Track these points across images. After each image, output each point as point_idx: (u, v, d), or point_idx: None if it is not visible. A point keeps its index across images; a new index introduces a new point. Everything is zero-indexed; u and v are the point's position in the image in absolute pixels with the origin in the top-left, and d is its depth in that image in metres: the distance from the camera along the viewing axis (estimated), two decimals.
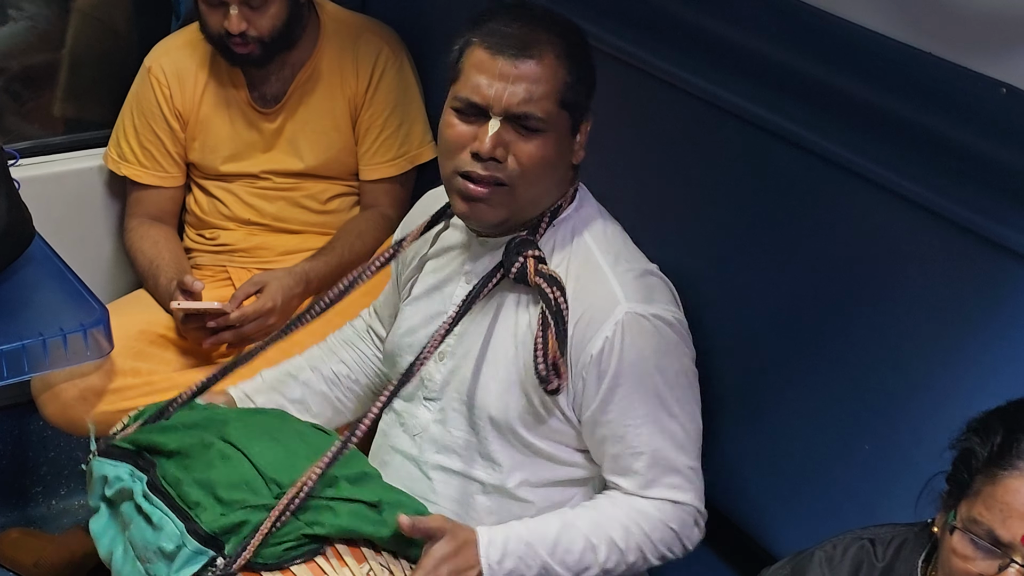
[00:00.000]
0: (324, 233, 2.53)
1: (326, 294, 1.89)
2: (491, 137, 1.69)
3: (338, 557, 1.64)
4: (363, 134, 2.53)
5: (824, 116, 1.77)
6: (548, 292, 1.71)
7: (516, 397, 1.78)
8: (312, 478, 1.65)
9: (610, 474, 1.79)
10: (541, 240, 1.78)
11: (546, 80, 1.70)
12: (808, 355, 1.85)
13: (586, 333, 1.74)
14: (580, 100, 1.75)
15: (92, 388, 2.28)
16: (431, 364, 1.83)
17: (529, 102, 1.70)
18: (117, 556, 1.75)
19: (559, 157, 1.74)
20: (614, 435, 1.75)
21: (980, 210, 1.59)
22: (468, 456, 1.83)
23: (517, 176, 1.71)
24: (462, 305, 1.76)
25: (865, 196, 1.72)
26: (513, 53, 1.70)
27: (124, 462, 1.79)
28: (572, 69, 1.73)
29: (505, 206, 1.74)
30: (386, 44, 2.54)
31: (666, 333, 1.76)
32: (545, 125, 1.71)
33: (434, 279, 1.90)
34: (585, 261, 1.78)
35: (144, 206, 2.56)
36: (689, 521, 1.78)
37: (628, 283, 1.75)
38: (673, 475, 1.76)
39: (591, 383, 1.74)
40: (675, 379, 1.77)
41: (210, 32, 2.40)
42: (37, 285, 2.18)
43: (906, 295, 1.70)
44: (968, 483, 1.35)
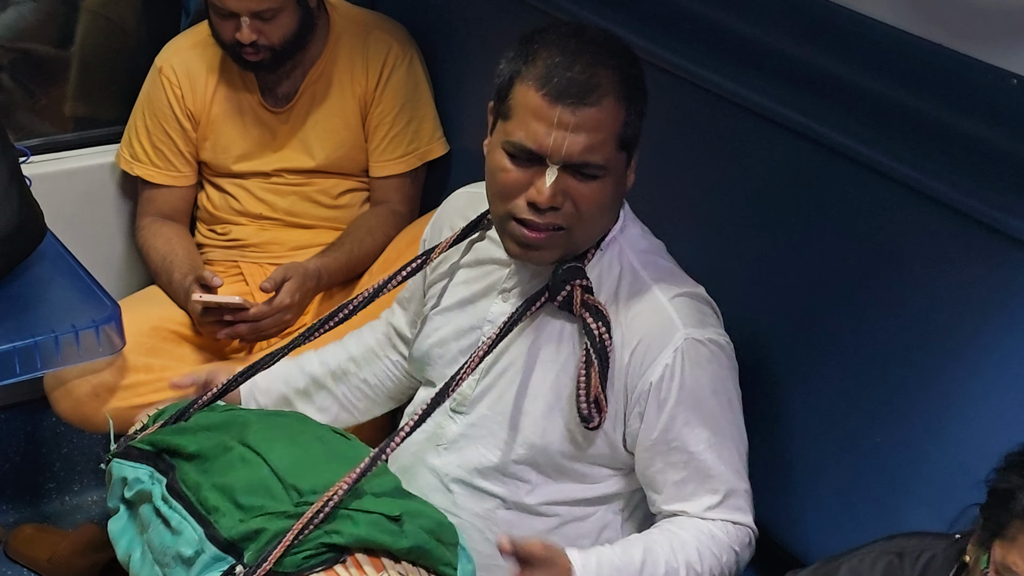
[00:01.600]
0: (336, 228, 2.53)
1: (349, 302, 1.88)
2: (550, 187, 1.64)
3: (357, 566, 1.62)
4: (373, 131, 2.53)
5: (833, 108, 1.76)
6: (593, 327, 1.68)
7: (555, 423, 1.76)
8: (340, 492, 1.63)
9: (672, 501, 1.76)
10: (588, 266, 1.74)
11: (606, 126, 1.64)
12: (818, 348, 1.85)
13: (644, 360, 1.71)
14: (636, 135, 1.70)
15: (105, 384, 2.28)
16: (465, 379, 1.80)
17: (589, 151, 1.63)
18: (135, 559, 1.75)
19: (617, 194, 1.72)
20: (678, 462, 1.73)
21: (991, 202, 1.58)
22: (493, 474, 1.81)
23: (575, 220, 1.67)
24: (503, 326, 1.73)
25: (875, 188, 1.72)
26: (572, 101, 1.62)
27: (144, 464, 1.78)
28: (632, 107, 1.67)
29: (562, 248, 1.70)
30: (396, 41, 2.54)
31: (721, 357, 1.75)
32: (604, 172, 1.66)
33: (467, 291, 1.86)
34: (638, 287, 1.75)
35: (156, 205, 2.57)
36: (747, 542, 1.78)
37: (683, 308, 1.73)
38: (734, 498, 1.76)
39: (651, 411, 1.72)
40: (729, 403, 1.76)
41: (222, 40, 2.41)
42: (49, 282, 2.18)
43: (917, 287, 1.69)
44: (1004, 525, 1.31)
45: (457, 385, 1.72)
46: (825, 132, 1.77)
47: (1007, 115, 1.56)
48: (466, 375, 1.72)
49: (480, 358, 1.72)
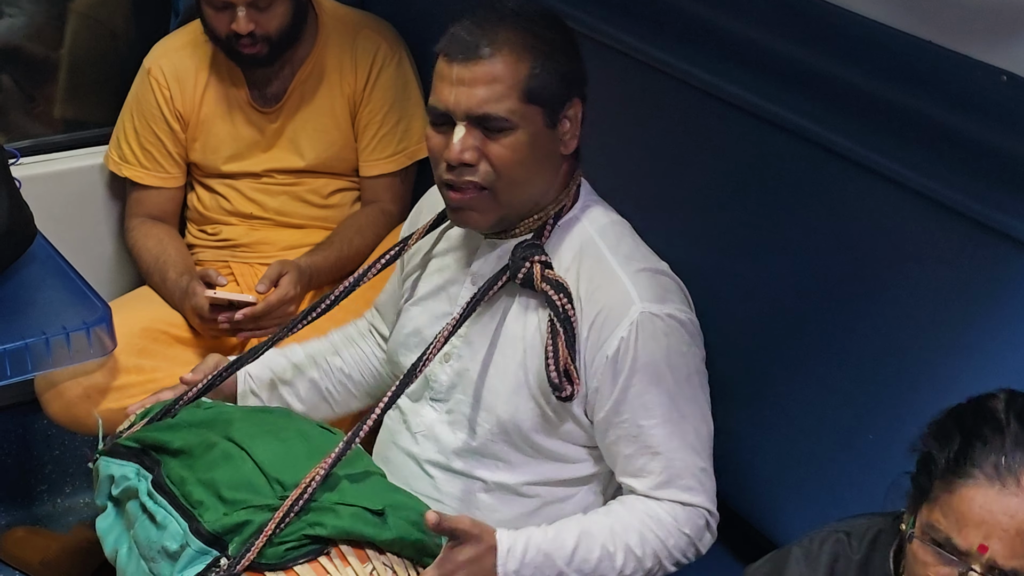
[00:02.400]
0: (326, 228, 2.53)
1: (332, 291, 1.90)
2: (455, 144, 1.69)
3: (342, 557, 1.63)
4: (362, 130, 2.53)
5: (824, 105, 1.77)
6: (555, 299, 1.70)
7: (524, 400, 1.78)
8: (316, 478, 1.65)
9: (623, 475, 1.78)
10: (548, 242, 1.77)
11: (503, 78, 1.69)
12: (812, 346, 1.85)
13: (601, 334, 1.73)
14: (554, 90, 1.71)
15: (96, 386, 2.28)
16: (437, 366, 1.83)
17: (487, 103, 1.68)
18: (122, 554, 1.76)
19: (537, 152, 1.72)
20: (628, 435, 1.74)
21: (981, 198, 1.59)
22: (471, 456, 1.82)
23: (493, 179, 1.71)
24: (466, 307, 1.75)
25: (866, 186, 1.72)
26: (465, 56, 1.69)
27: (130, 461, 1.79)
28: (538, 60, 1.70)
29: (492, 210, 1.74)
30: (384, 40, 2.54)
31: (680, 333, 1.75)
32: (510, 124, 1.69)
33: (439, 279, 1.89)
34: (596, 262, 1.76)
35: (145, 206, 2.56)
36: (701, 524, 1.77)
37: (641, 283, 1.74)
38: (686, 477, 1.76)
39: (606, 384, 1.73)
40: (687, 380, 1.76)
41: (216, 35, 2.40)
42: (39, 284, 2.18)
43: (909, 284, 1.70)
44: (928, 489, 1.36)
45: (423, 367, 1.74)
46: (815, 129, 1.78)
47: (996, 111, 1.56)
48: (432, 356, 1.74)
49: (444, 339, 1.74)
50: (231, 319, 2.31)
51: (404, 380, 1.74)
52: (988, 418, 1.35)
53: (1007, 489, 1.30)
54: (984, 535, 1.30)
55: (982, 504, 1.30)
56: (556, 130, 1.74)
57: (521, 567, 1.67)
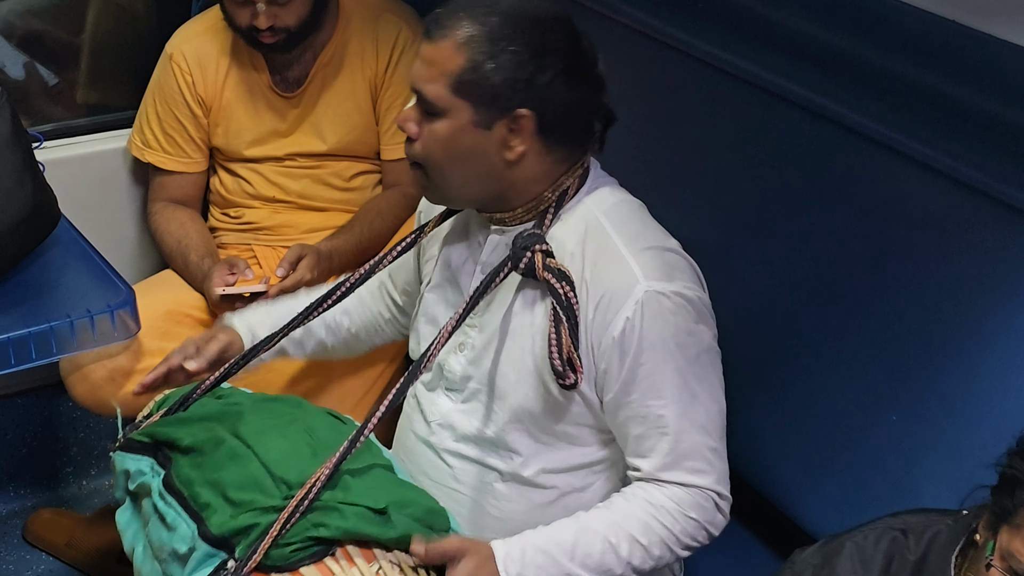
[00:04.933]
0: (348, 210, 2.54)
1: (347, 278, 1.90)
2: (405, 112, 1.74)
3: (348, 558, 1.63)
4: (383, 114, 2.53)
5: (846, 86, 1.76)
6: (557, 287, 1.69)
7: (535, 386, 1.77)
8: (321, 478, 1.64)
9: (631, 455, 1.76)
10: (552, 228, 1.75)
11: (437, 64, 1.70)
12: (834, 327, 1.85)
13: (607, 315, 1.71)
14: (489, 91, 1.67)
15: (120, 369, 2.29)
16: (452, 356, 1.83)
17: (420, 81, 1.71)
18: (138, 553, 1.77)
19: (461, 147, 1.71)
20: (637, 415, 1.73)
21: (1005, 178, 1.58)
22: (485, 445, 1.82)
23: (421, 157, 1.74)
24: (470, 299, 1.74)
25: (889, 165, 1.72)
26: (425, 34, 1.73)
27: (145, 455, 1.80)
28: (479, 58, 1.67)
29: (432, 190, 1.78)
30: (405, 24, 2.54)
31: (687, 311, 1.72)
32: (436, 109, 1.70)
33: (452, 266, 1.89)
34: (601, 243, 1.74)
35: (168, 191, 2.57)
36: (709, 507, 1.75)
37: (646, 261, 1.72)
38: (694, 457, 1.73)
39: (613, 364, 1.72)
40: (697, 358, 1.74)
41: (237, 25, 2.40)
42: (63, 267, 2.18)
43: (932, 264, 1.69)
44: (1011, 512, 1.31)
45: (431, 358, 1.73)
46: (838, 110, 1.77)
47: (1021, 91, 1.55)
48: (439, 348, 1.73)
49: (451, 331, 1.74)
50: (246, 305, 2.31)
51: (411, 374, 1.72)
52: None
53: None
54: None
55: None
56: (490, 132, 1.71)
57: (523, 568, 1.65)
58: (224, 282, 2.33)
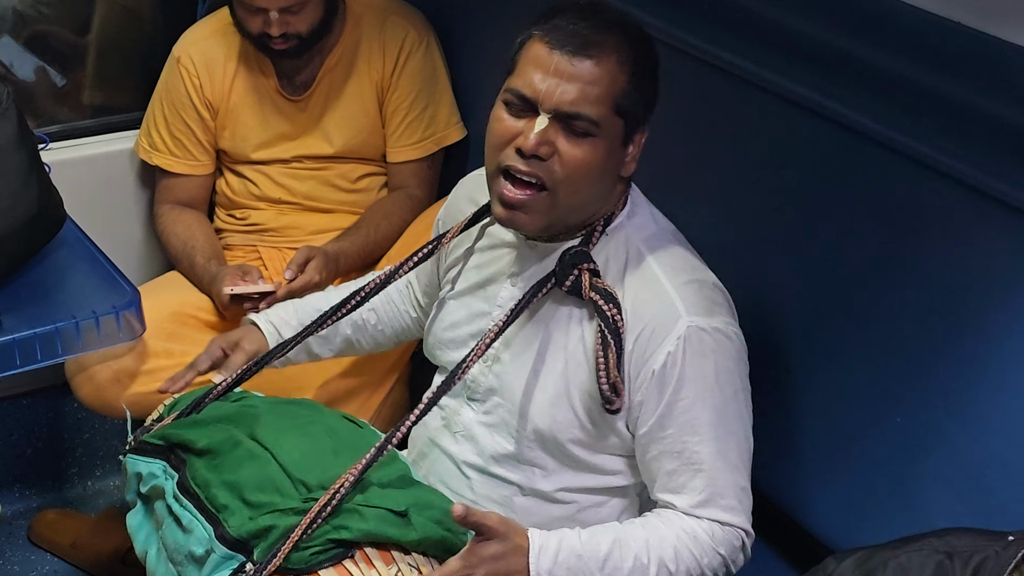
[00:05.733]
0: (354, 212, 2.54)
1: (362, 288, 1.89)
2: (537, 133, 1.63)
3: (366, 560, 1.62)
4: (389, 116, 2.54)
5: (854, 88, 1.76)
6: (605, 309, 1.66)
7: (564, 411, 1.75)
8: (346, 485, 1.64)
9: (662, 492, 1.74)
10: (594, 250, 1.73)
11: (603, 83, 1.63)
12: (838, 328, 1.84)
13: (647, 348, 1.69)
14: (638, 110, 1.68)
15: (125, 370, 2.29)
16: (477, 367, 1.80)
17: (582, 103, 1.63)
18: (152, 556, 1.76)
19: (606, 166, 1.68)
20: (671, 451, 1.71)
21: (1009, 180, 1.58)
22: (508, 462, 1.80)
23: (560, 180, 1.65)
24: (511, 313, 1.72)
25: (893, 167, 1.71)
26: (572, 50, 1.63)
27: (158, 458, 1.79)
28: (633, 77, 1.66)
29: (544, 214, 1.68)
30: (412, 26, 2.54)
31: (728, 348, 1.71)
32: (596, 129, 1.64)
33: (478, 276, 1.86)
34: (642, 273, 1.72)
35: (175, 193, 2.58)
36: (737, 545, 1.74)
37: (688, 296, 1.70)
38: (727, 496, 1.72)
39: (651, 398, 1.70)
40: (734, 396, 1.72)
41: (248, 32, 2.41)
42: (69, 268, 2.19)
43: (939, 266, 1.69)
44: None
45: (465, 371, 1.71)
46: (846, 113, 1.76)
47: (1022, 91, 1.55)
48: (473, 361, 1.71)
49: (487, 344, 1.71)
50: (255, 306, 2.32)
51: (444, 384, 1.71)
52: None
53: None
54: None
55: None
56: (625, 150, 1.70)
57: (554, 567, 1.63)
58: (235, 283, 2.33)
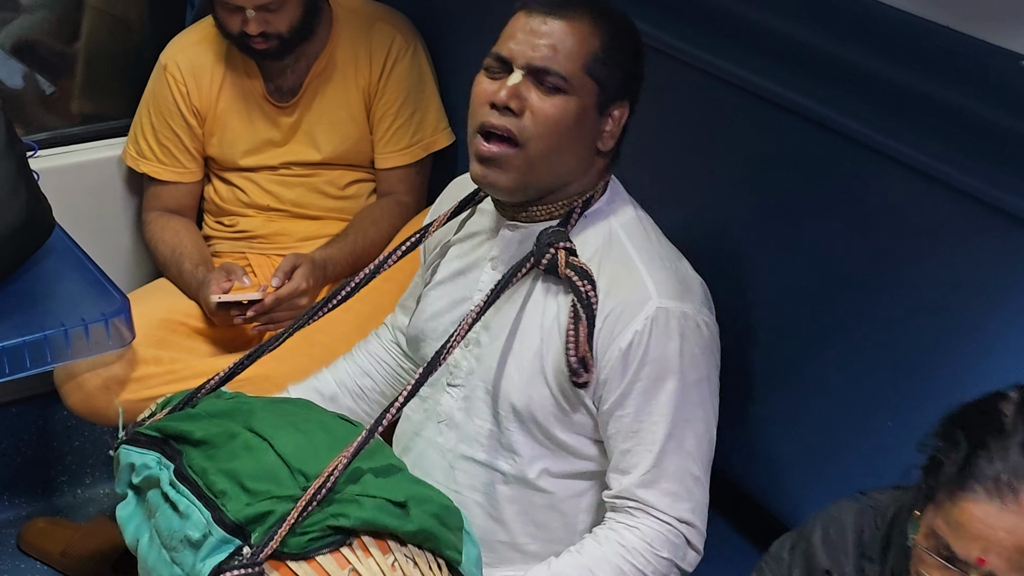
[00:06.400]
0: (343, 219, 2.54)
1: (351, 279, 1.90)
2: (509, 87, 1.70)
3: (364, 548, 1.63)
4: (377, 123, 2.54)
5: (842, 92, 1.76)
6: (579, 285, 1.70)
7: (539, 388, 1.77)
8: (339, 467, 1.65)
9: (613, 471, 1.76)
10: (572, 232, 1.76)
11: (574, 42, 1.70)
12: (829, 332, 1.85)
13: (616, 327, 1.72)
14: (612, 80, 1.73)
15: (115, 377, 2.29)
16: (458, 351, 1.83)
17: (551, 58, 1.69)
18: (143, 543, 1.75)
19: (578, 128, 1.72)
20: (628, 429, 1.73)
21: (999, 184, 1.59)
22: (490, 446, 1.82)
23: (530, 134, 1.70)
24: (491, 293, 1.74)
25: (884, 171, 1.72)
26: (546, 11, 1.71)
27: (151, 450, 1.79)
28: (607, 45, 1.72)
29: (518, 172, 1.72)
30: (399, 32, 2.54)
31: (696, 335, 1.74)
32: (566, 85, 1.70)
33: (459, 264, 1.89)
34: (618, 256, 1.76)
35: (163, 200, 2.57)
36: (680, 543, 1.74)
37: (661, 279, 1.73)
38: (673, 481, 1.73)
39: (615, 376, 1.72)
40: (696, 384, 1.74)
41: (229, 32, 2.41)
42: (58, 276, 2.18)
43: (927, 270, 1.69)
44: (934, 491, 1.35)
45: (447, 355, 1.73)
46: (832, 116, 1.77)
47: (1014, 97, 1.56)
48: (455, 344, 1.73)
49: (468, 326, 1.74)
50: (243, 313, 2.32)
51: (427, 369, 1.73)
52: (994, 424, 1.34)
53: (1007, 507, 1.29)
54: (982, 549, 1.29)
55: (981, 519, 1.29)
56: (601, 119, 1.75)
57: None
58: (221, 289, 2.33)
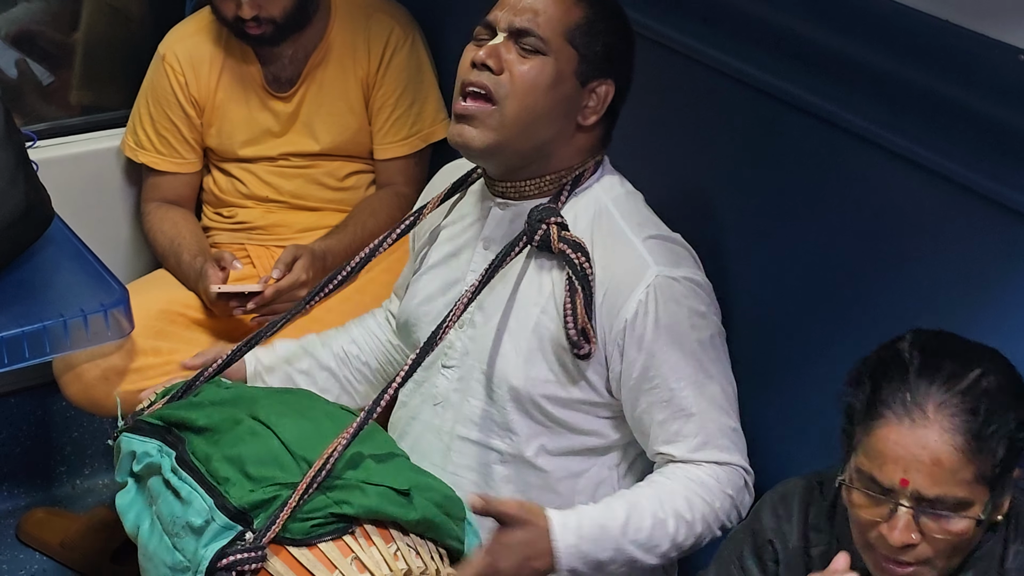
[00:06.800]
0: (342, 210, 2.54)
1: (345, 265, 1.91)
2: (489, 46, 1.75)
3: (366, 536, 1.64)
4: (375, 114, 2.54)
5: (841, 85, 1.76)
6: (573, 257, 1.71)
7: (537, 366, 1.78)
8: (338, 449, 1.65)
9: (657, 443, 1.77)
10: (563, 208, 1.78)
11: (557, 9, 1.75)
12: (828, 326, 1.85)
13: (616, 300, 1.73)
14: (593, 52, 1.76)
15: (114, 368, 2.29)
16: (452, 332, 1.83)
17: (532, 20, 1.74)
18: (144, 530, 1.75)
19: (554, 92, 1.75)
20: (659, 400, 1.74)
21: (998, 177, 1.59)
22: (486, 425, 1.83)
23: (506, 92, 1.73)
24: (485, 273, 1.75)
25: (882, 165, 1.72)
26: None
27: (152, 438, 1.79)
28: (591, 18, 1.76)
29: (492, 130, 1.74)
30: (397, 23, 2.54)
31: (698, 295, 1.77)
32: (544, 47, 1.74)
33: (450, 247, 1.90)
34: (610, 229, 1.78)
35: (161, 191, 2.57)
36: (740, 484, 1.78)
37: (654, 248, 1.76)
38: (720, 437, 1.76)
39: (630, 349, 1.73)
40: (710, 340, 1.77)
41: (224, 18, 2.41)
42: (57, 266, 2.19)
43: (925, 264, 1.70)
44: (852, 436, 1.42)
45: (443, 335, 1.74)
46: (831, 108, 1.77)
47: (1013, 90, 1.56)
48: (451, 324, 1.74)
49: (464, 306, 1.75)
50: (243, 305, 2.32)
51: (423, 350, 1.74)
52: (893, 359, 1.41)
53: (916, 423, 1.35)
54: (903, 469, 1.35)
55: (896, 440, 1.36)
56: (582, 91, 1.77)
57: (580, 541, 1.66)
58: (218, 279, 2.33)
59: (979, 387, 1.37)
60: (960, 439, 1.34)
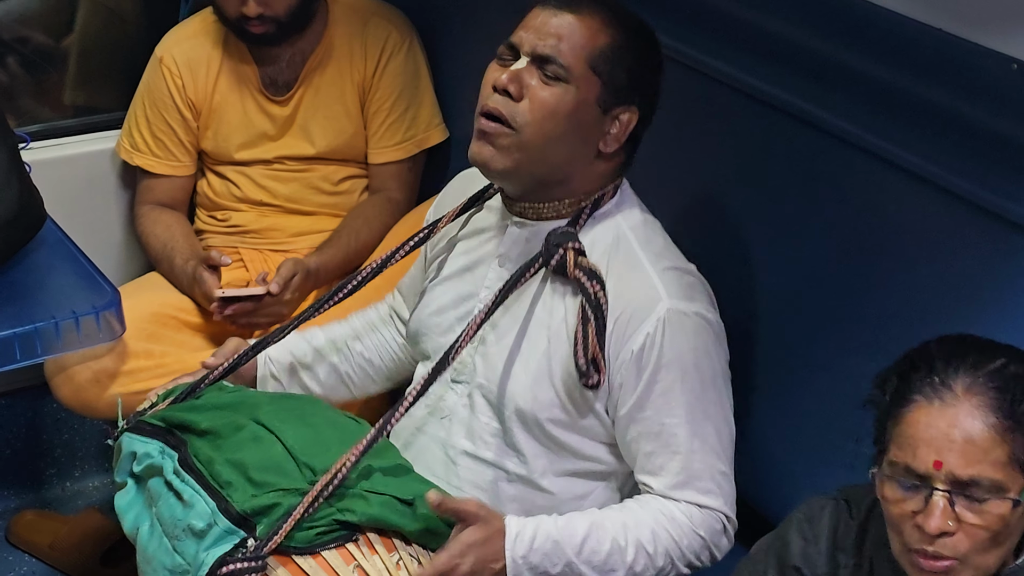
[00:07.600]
0: (336, 215, 2.54)
1: (353, 276, 1.91)
2: (511, 71, 1.72)
3: (369, 545, 1.63)
4: (371, 117, 2.54)
5: (835, 94, 1.77)
6: (588, 286, 1.69)
7: (545, 390, 1.77)
8: (347, 464, 1.65)
9: (641, 473, 1.76)
10: (581, 232, 1.76)
11: (580, 36, 1.72)
12: (820, 333, 1.85)
13: (627, 330, 1.72)
14: (617, 79, 1.73)
15: (105, 370, 2.29)
16: (464, 349, 1.81)
17: (555, 47, 1.71)
18: (143, 532, 1.75)
19: (575, 119, 1.73)
20: (649, 432, 1.73)
21: (992, 187, 1.59)
22: (496, 444, 1.82)
23: (525, 121, 1.71)
24: (500, 292, 1.74)
25: (878, 174, 1.72)
26: (560, 5, 1.74)
27: (154, 439, 1.79)
28: (616, 44, 1.73)
29: (510, 153, 1.72)
30: (394, 28, 2.54)
31: (707, 333, 1.75)
32: (567, 75, 1.71)
33: (465, 260, 1.89)
34: (626, 257, 1.76)
35: (155, 194, 2.57)
36: (718, 528, 1.75)
37: (670, 281, 1.74)
38: (704, 479, 1.74)
39: (630, 379, 1.72)
40: (712, 380, 1.75)
41: (226, 16, 2.41)
42: (49, 268, 2.19)
43: (918, 271, 1.70)
44: (884, 433, 1.40)
45: (457, 353, 1.74)
46: (826, 117, 1.77)
47: (1007, 100, 1.56)
48: (465, 342, 1.73)
49: (479, 324, 1.74)
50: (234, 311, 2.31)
51: (437, 367, 1.73)
52: (919, 354, 1.41)
53: (946, 402, 1.34)
54: (936, 451, 1.33)
55: (927, 423, 1.34)
56: (604, 118, 1.75)
57: (529, 552, 1.66)
58: (217, 284, 2.33)
59: (1007, 371, 1.36)
60: (992, 417, 1.33)
